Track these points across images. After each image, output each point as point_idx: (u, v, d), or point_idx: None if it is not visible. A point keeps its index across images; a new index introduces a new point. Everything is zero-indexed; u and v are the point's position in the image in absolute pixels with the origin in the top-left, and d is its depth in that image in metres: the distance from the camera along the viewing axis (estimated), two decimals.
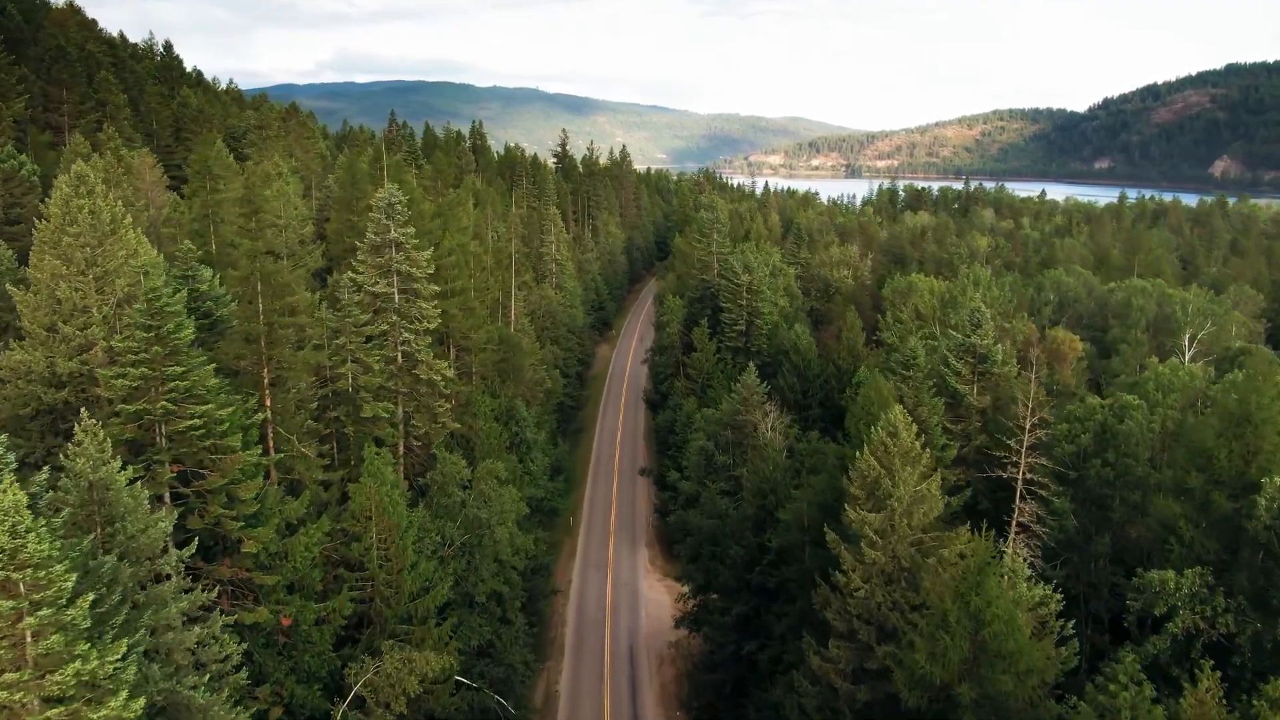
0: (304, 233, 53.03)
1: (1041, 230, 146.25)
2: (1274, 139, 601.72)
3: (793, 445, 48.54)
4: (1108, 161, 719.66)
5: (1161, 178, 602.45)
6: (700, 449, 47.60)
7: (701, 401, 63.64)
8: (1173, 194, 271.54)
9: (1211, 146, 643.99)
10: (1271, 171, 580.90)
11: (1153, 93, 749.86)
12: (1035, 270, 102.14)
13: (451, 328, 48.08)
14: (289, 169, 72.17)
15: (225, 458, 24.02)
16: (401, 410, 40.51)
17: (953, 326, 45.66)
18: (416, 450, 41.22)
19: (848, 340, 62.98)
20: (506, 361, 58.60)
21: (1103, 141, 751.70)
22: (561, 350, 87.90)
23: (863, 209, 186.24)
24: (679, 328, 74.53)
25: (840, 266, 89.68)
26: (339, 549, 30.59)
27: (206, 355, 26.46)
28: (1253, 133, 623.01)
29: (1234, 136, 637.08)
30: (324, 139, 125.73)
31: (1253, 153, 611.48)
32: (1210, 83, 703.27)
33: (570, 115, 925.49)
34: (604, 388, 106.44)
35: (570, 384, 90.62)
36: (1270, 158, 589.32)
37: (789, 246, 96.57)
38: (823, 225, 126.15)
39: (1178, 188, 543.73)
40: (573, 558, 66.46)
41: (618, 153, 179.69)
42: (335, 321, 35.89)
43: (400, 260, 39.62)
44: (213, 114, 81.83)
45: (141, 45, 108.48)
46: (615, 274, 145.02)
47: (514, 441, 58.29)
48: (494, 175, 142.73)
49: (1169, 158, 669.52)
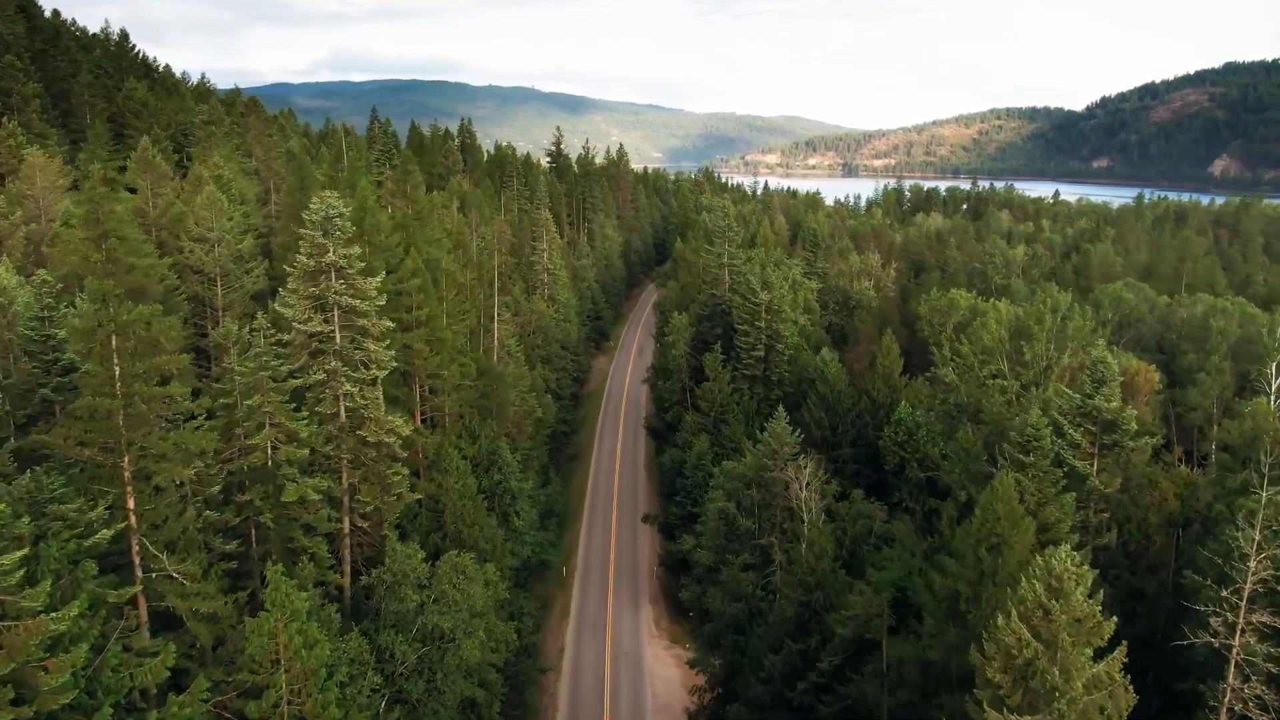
0: (242, 247, 44.03)
1: (1064, 234, 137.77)
2: (1273, 138, 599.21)
3: (831, 506, 40.01)
4: (1106, 160, 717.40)
5: (1161, 177, 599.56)
6: (719, 512, 38.93)
7: (714, 440, 55.00)
8: (1175, 193, 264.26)
9: (1211, 145, 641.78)
10: (1271, 170, 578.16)
11: (1151, 91, 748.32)
12: (1068, 279, 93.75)
13: (417, 365, 39.31)
14: (240, 170, 63.10)
15: (12, 629, 15.16)
16: (346, 482, 31.66)
17: (1024, 363, 37.25)
18: (364, 532, 32.36)
19: (883, 369, 54.40)
20: (488, 397, 49.89)
21: (1101, 140, 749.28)
22: (554, 371, 79.08)
23: (870, 210, 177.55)
24: (685, 349, 65.72)
25: (861, 277, 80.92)
26: (231, 707, 21.73)
27: (36, 438, 17.72)
28: (1252, 131, 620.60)
29: (1233, 135, 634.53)
30: (305, 136, 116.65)
31: (1252, 151, 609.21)
32: (1209, 81, 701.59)
33: (566, 114, 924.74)
34: (601, 407, 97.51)
35: (564, 406, 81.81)
36: (1270, 156, 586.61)
37: (804, 254, 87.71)
38: (835, 229, 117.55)
39: (1177, 187, 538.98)
40: (566, 617, 57.56)
41: (614, 152, 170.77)
42: (247, 373, 27.03)
43: (340, 290, 30.75)
44: (160, 108, 72.51)
45: (99, 33, 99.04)
46: (612, 280, 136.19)
47: (495, 491, 49.52)
48: (483, 176, 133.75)
49: (1168, 157, 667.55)
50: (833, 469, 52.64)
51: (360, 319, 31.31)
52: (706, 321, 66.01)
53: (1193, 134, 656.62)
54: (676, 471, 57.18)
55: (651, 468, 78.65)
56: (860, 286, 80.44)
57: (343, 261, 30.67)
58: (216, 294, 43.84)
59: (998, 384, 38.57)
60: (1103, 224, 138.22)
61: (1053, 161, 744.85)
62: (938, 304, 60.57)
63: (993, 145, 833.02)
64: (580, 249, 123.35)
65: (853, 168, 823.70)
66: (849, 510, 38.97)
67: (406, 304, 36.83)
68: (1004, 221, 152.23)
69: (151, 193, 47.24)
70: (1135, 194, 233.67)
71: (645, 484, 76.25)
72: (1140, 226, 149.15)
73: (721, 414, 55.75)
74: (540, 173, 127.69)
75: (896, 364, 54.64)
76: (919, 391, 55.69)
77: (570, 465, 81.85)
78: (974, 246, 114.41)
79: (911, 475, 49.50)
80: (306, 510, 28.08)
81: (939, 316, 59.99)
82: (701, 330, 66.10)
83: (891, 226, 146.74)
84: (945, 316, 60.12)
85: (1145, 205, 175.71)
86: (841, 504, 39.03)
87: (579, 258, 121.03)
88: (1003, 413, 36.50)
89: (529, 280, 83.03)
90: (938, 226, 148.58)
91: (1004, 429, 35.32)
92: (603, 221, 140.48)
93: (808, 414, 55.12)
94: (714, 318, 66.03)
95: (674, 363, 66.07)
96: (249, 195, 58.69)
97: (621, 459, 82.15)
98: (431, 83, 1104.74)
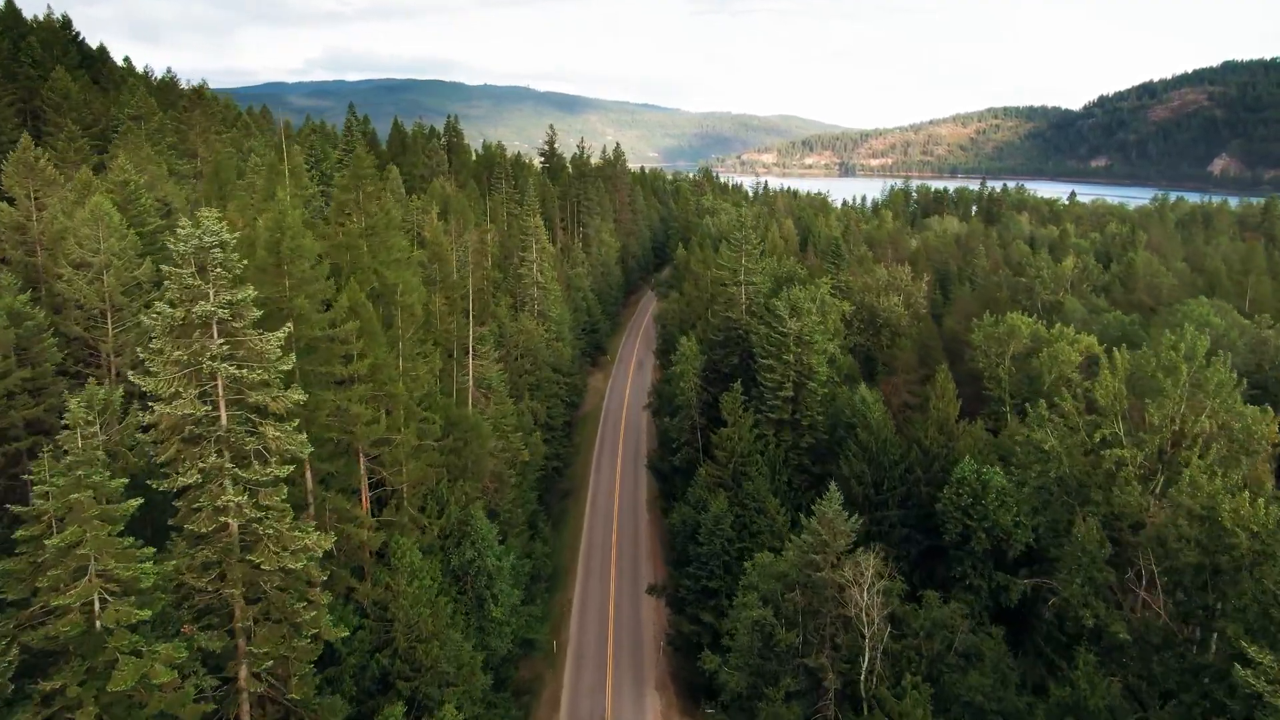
0: (139, 274, 34.36)
1: (1091, 239, 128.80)
2: (1273, 137, 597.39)
3: (897, 611, 30.78)
4: (1104, 160, 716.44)
5: (1160, 176, 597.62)
6: (754, 624, 29.57)
7: (734, 498, 45.59)
8: (1175, 193, 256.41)
9: (1210, 145, 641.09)
10: (1272, 170, 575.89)
11: (1149, 90, 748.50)
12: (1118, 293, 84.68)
13: (358, 433, 29.84)
14: (173, 174, 53.32)
15: None
16: (239, 623, 22.09)
17: (1149, 429, 28.12)
18: (271, 691, 22.75)
19: (937, 414, 45.15)
20: (459, 454, 40.49)
21: (1099, 140, 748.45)
22: (545, 400, 69.55)
23: (878, 212, 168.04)
24: (695, 380, 56.21)
25: (888, 291, 71.50)
26: None
27: None
28: (1251, 130, 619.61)
29: (1232, 134, 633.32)
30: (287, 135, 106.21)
31: (1252, 151, 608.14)
32: (1207, 80, 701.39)
33: (561, 113, 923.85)
34: (597, 433, 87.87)
35: (555, 438, 72.30)
36: (1270, 156, 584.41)
37: (824, 266, 78.13)
38: (849, 235, 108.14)
39: (1177, 186, 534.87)
40: (556, 710, 48.06)
41: (610, 151, 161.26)
42: (58, 491, 17.52)
43: (223, 352, 21.21)
44: (87, 101, 62.58)
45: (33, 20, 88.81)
46: (609, 288, 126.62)
47: (467, 572, 40.03)
48: (469, 178, 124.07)
49: (1167, 156, 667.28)
50: (871, 526, 43.41)
51: (254, 393, 21.74)
52: (720, 349, 56.48)
53: (1191, 133, 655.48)
54: (689, 536, 47.68)
55: (654, 510, 69.09)
56: (888, 303, 70.98)
57: (225, 312, 21.09)
58: (107, 333, 34.23)
59: (1112, 455, 29.36)
60: (1136, 228, 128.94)
61: (1050, 161, 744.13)
62: (994, 331, 51.35)
63: (990, 145, 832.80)
64: (575, 256, 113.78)
65: (850, 167, 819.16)
66: (922, 619, 29.69)
67: (333, 353, 27.40)
68: (1023, 224, 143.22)
69: (34, 203, 37.56)
70: (1135, 193, 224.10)
71: (648, 532, 66.64)
72: (1165, 230, 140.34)
73: (743, 466, 46.35)
74: (532, 174, 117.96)
75: (953, 407, 45.38)
76: (978, 438, 46.45)
77: (563, 505, 72.22)
78: (999, 253, 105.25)
79: (978, 547, 40.30)
80: (157, 694, 18.51)
81: (996, 345, 50.84)
82: (714, 359, 56.56)
83: (906, 231, 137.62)
84: (1003, 345, 50.99)
85: (1166, 206, 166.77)
86: (915, 614, 29.74)
87: (573, 265, 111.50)
88: (1138, 504, 27.32)
89: (517, 295, 73.49)
90: (955, 230, 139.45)
91: (1136, 521, 26.07)
92: (599, 225, 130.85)
93: (846, 467, 45.77)
94: (729, 345, 56.49)
95: (682, 396, 56.52)
96: (178, 204, 48.86)
97: (620, 497, 72.59)
98: (426, 82, 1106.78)
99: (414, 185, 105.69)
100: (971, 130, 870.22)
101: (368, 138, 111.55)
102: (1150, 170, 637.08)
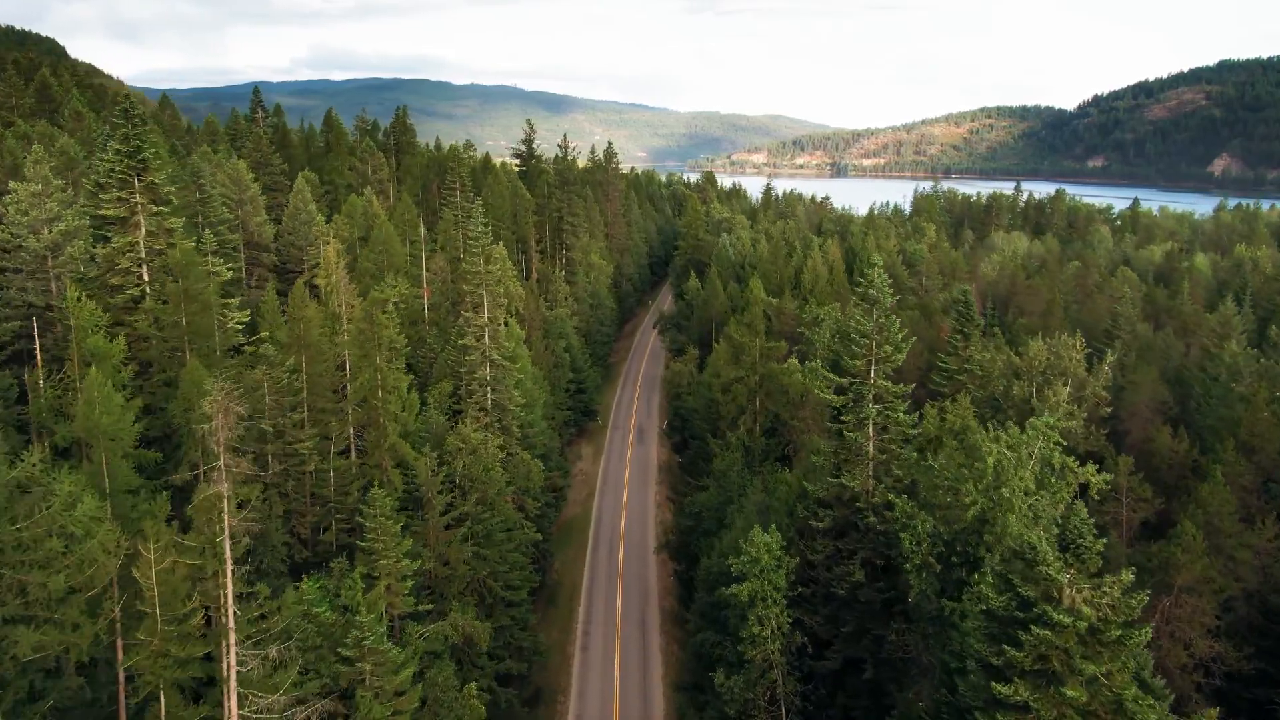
0: None
1: (1212, 259, 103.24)
2: (1274, 136, 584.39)
3: None
4: (1101, 160, 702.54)
5: (1160, 176, 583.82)
6: None
7: None
8: (1175, 193, 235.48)
9: (1209, 144, 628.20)
10: (1274, 170, 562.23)
11: (1145, 90, 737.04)
12: None
13: None
14: None
15: None
16: None
17: None
18: None
19: None
20: None
21: (1095, 139, 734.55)
22: (497, 568, 41.79)
23: (914, 221, 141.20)
24: (779, 611, 28.42)
25: (1054, 379, 44.83)
26: None
27: None
28: (1252, 130, 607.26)
29: (1232, 134, 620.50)
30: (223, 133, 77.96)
31: (1253, 150, 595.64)
32: (1204, 79, 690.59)
33: (548, 113, 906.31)
34: (583, 575, 58.03)
35: (515, 620, 44.32)
36: (1272, 155, 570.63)
37: (951, 324, 51.05)
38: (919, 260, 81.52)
39: (1178, 186, 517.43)
40: None
41: (600, 152, 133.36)
42: None
43: None
44: None
45: None
46: (600, 324, 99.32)
47: None
48: (419, 187, 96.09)
49: (1166, 155, 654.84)
50: None
51: None
52: (821, 537, 29.03)
53: (1190, 133, 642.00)
54: None
55: None
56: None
57: None
58: None
59: None
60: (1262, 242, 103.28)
61: (1046, 161, 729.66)
62: None
63: (984, 144, 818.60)
64: (555, 291, 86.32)
65: (842, 168, 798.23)
66: None
67: None
68: (1106, 237, 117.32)
69: None
70: (1135, 194, 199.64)
71: None
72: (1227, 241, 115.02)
73: None
74: (498, 182, 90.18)
75: None
76: None
77: None
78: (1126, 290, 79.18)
79: None
80: None
81: None
82: (812, 558, 29.05)
83: (966, 252, 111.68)
84: None
85: (1255, 215, 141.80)
86: None
87: (553, 303, 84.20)
88: None
89: (462, 384, 45.80)
90: (1025, 250, 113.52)
91: None
92: (586, 244, 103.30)
93: None
94: (840, 533, 29.14)
95: (753, 648, 28.44)
96: None
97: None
98: (413, 81, 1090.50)
99: (339, 199, 77.98)
100: (965, 130, 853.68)
101: (279, 134, 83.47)
102: (1149, 170, 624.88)
